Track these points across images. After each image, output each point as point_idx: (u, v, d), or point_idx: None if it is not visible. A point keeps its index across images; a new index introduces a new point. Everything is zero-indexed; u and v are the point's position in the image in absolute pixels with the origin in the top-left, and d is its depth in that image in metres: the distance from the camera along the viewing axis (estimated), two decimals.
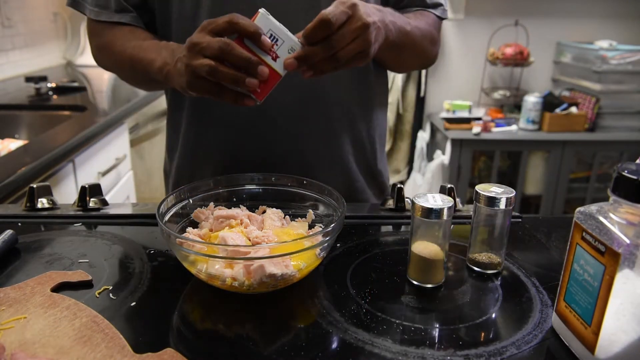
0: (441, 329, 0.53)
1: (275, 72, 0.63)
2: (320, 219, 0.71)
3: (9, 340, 0.48)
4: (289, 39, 0.63)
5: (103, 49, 0.88)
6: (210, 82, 0.63)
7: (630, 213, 0.44)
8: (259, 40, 0.61)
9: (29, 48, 2.34)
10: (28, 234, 0.73)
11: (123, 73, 0.89)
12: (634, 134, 2.65)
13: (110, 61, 0.88)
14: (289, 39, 0.63)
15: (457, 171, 2.62)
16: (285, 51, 0.63)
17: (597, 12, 2.84)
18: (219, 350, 0.49)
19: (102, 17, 0.85)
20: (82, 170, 1.52)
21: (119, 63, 0.85)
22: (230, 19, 0.61)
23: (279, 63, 0.63)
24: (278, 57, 0.63)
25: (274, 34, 0.63)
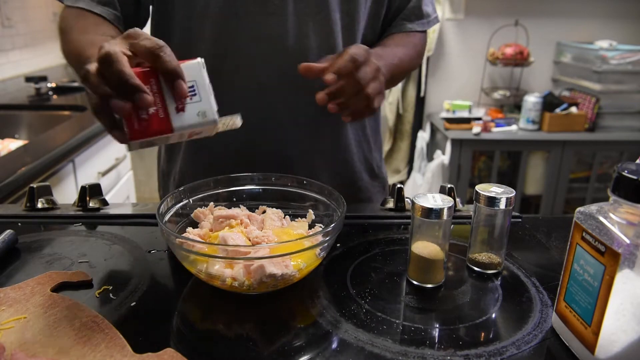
0: (441, 329, 0.53)
1: (168, 123, 0.52)
2: (320, 219, 0.71)
3: (9, 340, 0.48)
4: (208, 102, 0.54)
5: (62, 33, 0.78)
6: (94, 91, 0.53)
7: (630, 213, 0.44)
8: (174, 81, 0.52)
9: (29, 48, 2.34)
10: (28, 234, 0.73)
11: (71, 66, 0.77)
12: (634, 134, 2.65)
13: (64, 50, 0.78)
14: (208, 102, 0.54)
15: (457, 171, 2.62)
16: (195, 110, 0.53)
17: (597, 12, 2.84)
18: (219, 350, 0.49)
19: (79, 4, 0.78)
20: (82, 170, 1.52)
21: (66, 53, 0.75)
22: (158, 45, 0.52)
23: (179, 117, 0.52)
24: (183, 111, 0.53)
25: (195, 88, 0.54)
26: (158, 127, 0.51)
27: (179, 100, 0.53)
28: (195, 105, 0.53)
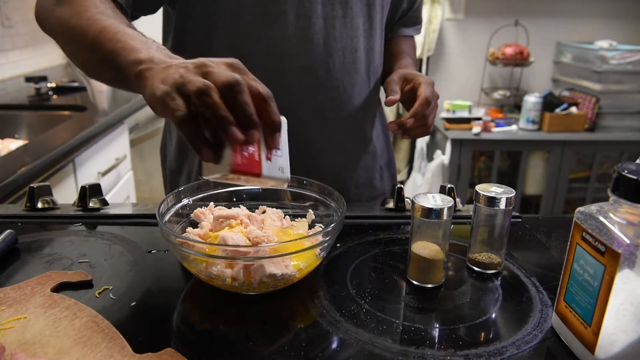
0: (441, 329, 0.53)
1: (259, 167, 0.52)
2: (320, 219, 0.71)
3: (9, 340, 0.48)
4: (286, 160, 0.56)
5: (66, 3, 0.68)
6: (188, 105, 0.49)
7: (630, 213, 0.44)
8: (274, 132, 0.52)
9: (29, 48, 2.34)
10: (28, 234, 0.73)
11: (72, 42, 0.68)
12: (634, 134, 2.65)
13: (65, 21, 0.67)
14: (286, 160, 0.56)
15: (457, 171, 2.62)
16: (277, 163, 0.54)
17: (597, 12, 2.84)
18: (219, 350, 0.49)
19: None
20: (82, 170, 1.52)
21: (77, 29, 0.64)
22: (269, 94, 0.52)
23: (267, 166, 0.53)
24: (270, 161, 0.54)
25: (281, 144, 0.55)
26: (253, 168, 0.52)
27: (269, 150, 0.53)
28: (278, 160, 0.55)
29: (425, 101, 0.79)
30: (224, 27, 0.82)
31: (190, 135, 0.48)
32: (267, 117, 0.51)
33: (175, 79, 0.48)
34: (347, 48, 0.85)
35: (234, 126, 0.47)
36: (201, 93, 0.47)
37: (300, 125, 0.86)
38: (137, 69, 0.53)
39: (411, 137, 0.85)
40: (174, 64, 0.52)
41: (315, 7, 0.81)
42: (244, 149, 0.51)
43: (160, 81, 0.50)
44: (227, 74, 0.49)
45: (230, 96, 0.48)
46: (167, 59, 0.54)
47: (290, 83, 0.83)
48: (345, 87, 0.86)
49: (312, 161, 0.89)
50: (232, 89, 0.48)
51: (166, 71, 0.51)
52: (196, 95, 0.47)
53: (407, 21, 1.01)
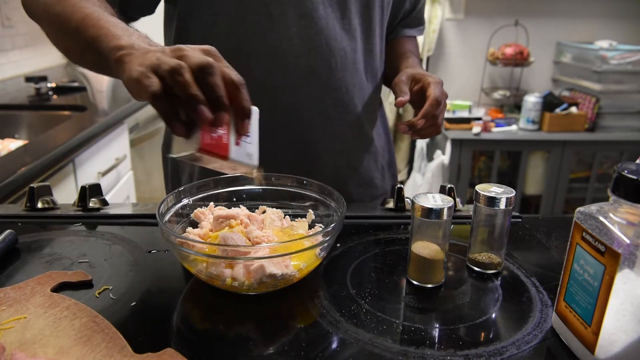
0: (441, 329, 0.53)
1: (227, 150, 0.54)
2: (320, 219, 0.71)
3: (9, 340, 0.48)
4: (256, 148, 0.58)
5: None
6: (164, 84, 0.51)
7: (630, 213, 0.44)
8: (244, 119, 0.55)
9: (29, 48, 2.34)
10: (28, 234, 0.73)
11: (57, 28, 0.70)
12: (634, 134, 2.65)
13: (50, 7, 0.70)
14: (256, 148, 0.58)
15: (457, 171, 2.62)
16: (246, 149, 0.57)
17: (597, 12, 2.84)
18: (219, 350, 0.49)
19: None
20: (82, 170, 1.52)
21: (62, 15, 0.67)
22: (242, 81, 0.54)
23: (235, 150, 0.55)
24: (239, 146, 0.56)
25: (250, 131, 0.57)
26: (220, 149, 0.54)
27: (239, 135, 0.55)
28: (247, 146, 0.57)
29: (435, 101, 0.79)
30: (226, 28, 0.82)
31: (164, 111, 0.50)
32: (238, 104, 0.53)
33: (152, 61, 0.51)
34: (347, 48, 0.85)
35: (203, 105, 0.49)
36: (173, 72, 0.49)
37: (303, 125, 0.87)
38: (117, 54, 0.55)
39: (422, 137, 0.85)
40: (152, 49, 0.54)
41: (317, 7, 0.81)
42: (212, 130, 0.53)
43: (138, 64, 0.52)
44: (200, 56, 0.51)
45: (202, 77, 0.50)
46: (147, 45, 0.56)
47: (293, 83, 0.84)
48: (347, 87, 0.87)
49: (315, 160, 0.89)
50: (204, 70, 0.50)
51: (144, 56, 0.53)
52: (169, 74, 0.49)
53: (410, 22, 1.01)
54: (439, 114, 0.81)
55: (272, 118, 0.86)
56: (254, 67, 0.83)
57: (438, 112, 0.81)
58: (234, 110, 0.54)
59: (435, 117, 0.81)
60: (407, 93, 0.82)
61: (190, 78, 0.50)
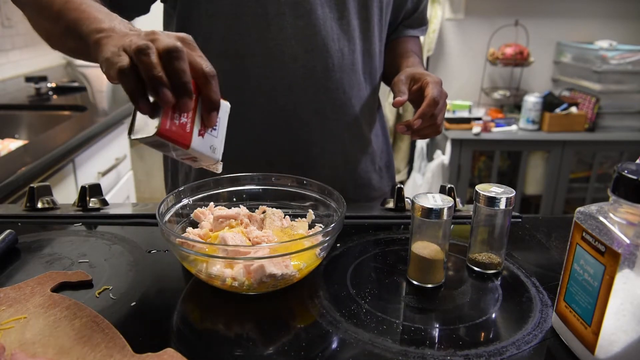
0: (441, 329, 0.53)
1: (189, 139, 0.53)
2: (320, 219, 0.71)
3: (9, 340, 0.48)
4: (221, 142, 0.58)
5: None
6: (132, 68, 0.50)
7: (630, 213, 0.44)
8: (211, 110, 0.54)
9: (29, 48, 2.34)
10: (28, 234, 0.73)
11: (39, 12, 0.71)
12: (634, 134, 2.65)
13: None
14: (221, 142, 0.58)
15: (457, 171, 2.62)
16: (210, 142, 0.56)
17: (597, 12, 2.84)
18: (219, 350, 0.49)
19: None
20: (82, 170, 1.52)
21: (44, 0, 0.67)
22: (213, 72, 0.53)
23: (198, 140, 0.54)
24: (202, 137, 0.55)
25: (218, 125, 0.57)
26: (181, 137, 0.53)
27: (204, 127, 0.55)
28: (212, 139, 0.56)
29: (432, 101, 0.78)
30: (223, 28, 0.82)
31: (130, 87, 0.50)
32: (206, 94, 0.53)
33: (124, 42, 0.51)
34: (345, 49, 0.85)
35: (166, 88, 0.49)
36: (139, 51, 0.49)
37: (300, 125, 0.86)
38: (96, 37, 0.55)
39: (421, 138, 0.84)
40: (130, 33, 0.54)
41: (314, 9, 0.81)
42: (175, 117, 0.52)
43: (113, 46, 0.52)
44: (170, 40, 0.50)
45: (168, 61, 0.49)
46: (127, 30, 0.56)
47: (291, 83, 0.84)
48: (344, 88, 0.87)
49: (311, 161, 0.89)
50: (170, 54, 0.49)
51: (121, 39, 0.53)
52: (135, 53, 0.49)
53: (413, 22, 1.01)
54: (437, 114, 0.80)
55: (269, 118, 0.86)
56: (251, 67, 0.83)
57: (437, 112, 0.80)
58: (202, 101, 0.54)
59: (434, 117, 0.80)
60: (406, 93, 0.81)
61: (156, 59, 0.49)
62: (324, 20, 0.82)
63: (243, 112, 0.86)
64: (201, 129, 0.55)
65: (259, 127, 0.86)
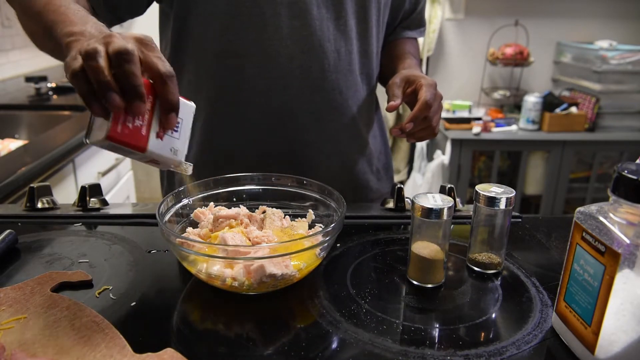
0: (441, 329, 0.53)
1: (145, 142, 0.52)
2: (320, 219, 0.71)
3: (9, 340, 0.48)
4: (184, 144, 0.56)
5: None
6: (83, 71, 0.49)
7: (630, 213, 0.44)
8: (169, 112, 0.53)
9: (29, 48, 2.34)
10: (28, 234, 0.73)
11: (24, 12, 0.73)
12: (634, 134, 2.65)
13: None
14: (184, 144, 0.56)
15: (457, 171, 2.62)
16: (170, 144, 0.54)
17: (597, 12, 2.84)
18: (219, 350, 0.49)
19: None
20: (82, 170, 1.52)
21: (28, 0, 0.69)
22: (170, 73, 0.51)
23: (156, 143, 0.53)
24: (161, 139, 0.53)
25: (180, 126, 0.55)
26: (136, 141, 0.51)
27: (162, 129, 0.53)
28: (172, 140, 0.55)
29: (424, 105, 0.77)
30: (220, 29, 0.82)
31: (82, 90, 0.49)
32: (163, 96, 0.52)
33: (82, 46, 0.50)
34: (341, 50, 0.85)
35: (113, 92, 0.48)
36: (87, 56, 0.48)
37: (297, 126, 0.86)
38: (67, 40, 0.56)
39: (417, 140, 0.84)
40: (95, 36, 0.53)
41: (310, 9, 0.81)
42: (128, 120, 0.50)
43: (74, 49, 0.52)
44: (121, 43, 0.49)
45: (117, 64, 0.48)
46: (97, 33, 0.55)
47: (287, 84, 0.84)
48: (341, 89, 0.86)
49: (307, 162, 0.89)
50: (120, 57, 0.48)
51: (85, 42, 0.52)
52: (84, 57, 0.48)
53: (410, 24, 1.01)
54: (432, 117, 0.80)
55: (264, 119, 0.86)
56: (247, 68, 0.83)
57: (431, 115, 0.79)
58: (159, 102, 0.52)
59: (427, 120, 0.80)
60: (399, 97, 0.81)
61: (104, 63, 0.48)
62: (320, 21, 0.82)
63: (239, 112, 0.86)
64: (159, 131, 0.53)
65: (254, 127, 0.86)
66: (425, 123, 0.80)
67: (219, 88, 0.85)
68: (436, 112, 0.81)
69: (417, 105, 0.78)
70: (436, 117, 0.82)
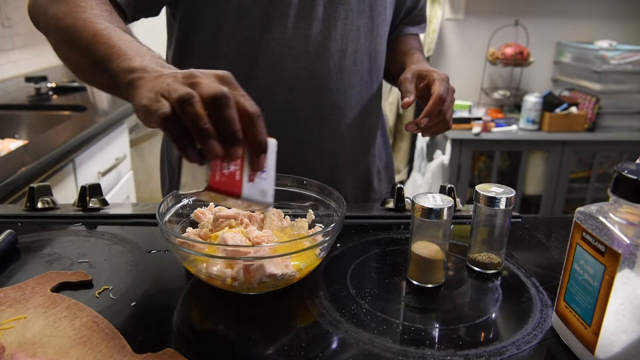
0: (441, 329, 0.53)
1: (239, 187, 0.50)
2: (320, 219, 0.71)
3: (9, 340, 0.48)
4: (271, 184, 0.54)
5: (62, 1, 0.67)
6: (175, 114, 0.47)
7: (630, 213, 0.44)
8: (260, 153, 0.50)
9: (29, 48, 2.34)
10: (28, 234, 0.73)
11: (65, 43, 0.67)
12: (634, 134, 2.65)
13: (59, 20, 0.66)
14: (271, 184, 0.54)
15: (457, 171, 2.62)
16: (260, 186, 0.52)
17: (597, 12, 2.84)
18: (219, 350, 0.49)
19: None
20: (82, 170, 1.52)
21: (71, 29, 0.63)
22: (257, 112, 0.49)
23: (248, 187, 0.51)
24: (252, 182, 0.51)
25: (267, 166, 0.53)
26: (232, 187, 0.49)
27: (253, 171, 0.51)
28: (262, 182, 0.52)
29: (438, 99, 0.77)
30: (228, 32, 0.82)
31: (176, 135, 0.46)
32: (253, 137, 0.49)
33: (162, 87, 0.47)
34: (347, 49, 0.85)
35: (214, 139, 0.46)
36: (183, 102, 0.45)
37: (301, 126, 0.86)
38: (129, 77, 0.52)
39: (432, 135, 0.84)
40: (165, 73, 0.50)
41: (317, 9, 0.81)
42: (224, 167, 0.49)
43: (149, 90, 0.48)
44: (215, 85, 0.47)
45: (215, 109, 0.46)
46: (160, 68, 0.52)
47: (291, 84, 0.84)
48: (344, 89, 0.86)
49: (310, 161, 0.89)
50: (217, 102, 0.46)
51: (156, 80, 0.49)
52: (178, 103, 0.45)
53: (412, 20, 1.00)
54: (446, 110, 0.80)
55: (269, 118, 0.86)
56: (253, 69, 0.83)
57: (445, 109, 0.79)
58: (248, 144, 0.50)
59: (442, 114, 0.80)
60: (413, 92, 0.80)
61: (201, 109, 0.45)
62: (327, 21, 0.82)
63: None
64: (251, 174, 0.51)
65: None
66: (440, 117, 0.80)
67: None
68: (450, 105, 0.81)
69: (432, 100, 0.77)
70: (450, 110, 0.82)
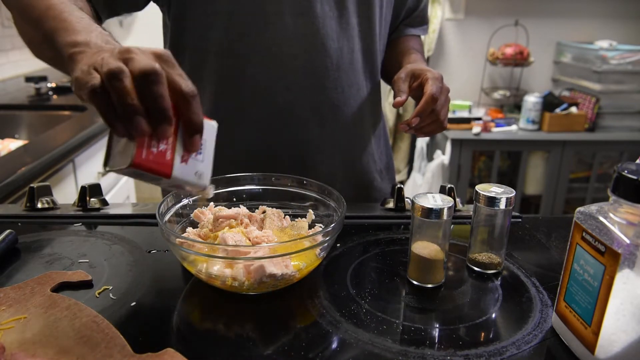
0: (441, 329, 0.53)
1: (169, 167, 0.48)
2: (320, 219, 0.71)
3: (9, 340, 0.48)
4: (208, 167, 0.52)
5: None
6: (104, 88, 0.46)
7: (630, 213, 0.44)
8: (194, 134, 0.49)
9: None
10: (28, 234, 0.73)
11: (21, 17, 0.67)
12: (634, 134, 2.65)
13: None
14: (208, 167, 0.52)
15: (457, 171, 2.62)
16: (194, 167, 0.51)
17: (597, 12, 2.84)
18: (219, 350, 0.49)
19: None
20: (82, 170, 1.52)
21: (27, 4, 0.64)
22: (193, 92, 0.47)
23: (180, 168, 0.49)
24: (185, 164, 0.50)
25: (203, 148, 0.51)
26: (160, 167, 0.48)
27: (187, 152, 0.50)
28: (197, 164, 0.51)
29: (430, 99, 0.76)
30: (220, 28, 0.81)
31: (103, 108, 0.45)
32: (187, 116, 0.48)
33: (96, 61, 0.46)
34: (344, 48, 0.85)
35: (141, 116, 0.44)
36: (112, 76, 0.44)
37: (299, 124, 0.86)
38: (71, 51, 0.51)
39: (425, 135, 0.83)
40: (104, 48, 0.50)
41: (314, 7, 0.81)
42: (152, 145, 0.47)
43: (84, 64, 0.48)
44: (147, 61, 0.45)
45: (144, 85, 0.44)
46: (103, 44, 0.52)
47: (289, 83, 0.83)
48: (343, 88, 0.86)
49: (309, 161, 0.89)
50: (147, 78, 0.44)
51: (95, 55, 0.48)
52: (107, 77, 0.44)
53: (413, 21, 1.00)
54: (439, 110, 0.79)
55: (267, 117, 0.86)
56: (249, 67, 0.83)
57: (438, 108, 0.78)
58: (182, 124, 0.48)
59: (434, 114, 0.78)
60: (405, 92, 0.79)
61: (130, 84, 0.44)
62: (323, 19, 0.82)
63: (240, 111, 0.86)
64: (184, 155, 0.49)
65: (256, 126, 0.86)
66: (433, 117, 0.79)
67: (220, 87, 0.85)
68: (443, 105, 0.80)
69: (423, 99, 0.76)
70: (444, 110, 0.80)
